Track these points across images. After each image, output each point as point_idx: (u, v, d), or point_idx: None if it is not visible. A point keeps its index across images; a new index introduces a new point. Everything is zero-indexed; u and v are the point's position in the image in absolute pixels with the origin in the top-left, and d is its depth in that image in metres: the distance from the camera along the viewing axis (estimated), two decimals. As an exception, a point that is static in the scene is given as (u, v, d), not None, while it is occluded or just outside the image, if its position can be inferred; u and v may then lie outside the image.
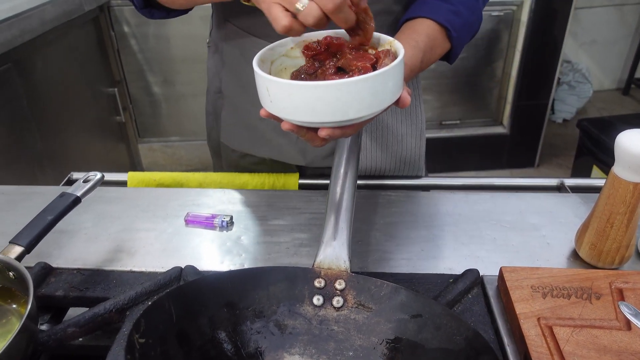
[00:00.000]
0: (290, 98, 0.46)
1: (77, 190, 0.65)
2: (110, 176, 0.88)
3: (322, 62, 0.52)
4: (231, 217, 0.73)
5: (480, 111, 2.59)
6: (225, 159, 0.93)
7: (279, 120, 0.50)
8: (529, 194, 0.79)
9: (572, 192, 0.82)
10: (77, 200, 0.64)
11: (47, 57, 1.74)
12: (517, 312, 0.53)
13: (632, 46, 3.30)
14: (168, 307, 0.49)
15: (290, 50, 0.55)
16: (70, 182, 0.88)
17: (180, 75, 2.29)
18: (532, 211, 0.75)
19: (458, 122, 2.56)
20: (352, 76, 0.47)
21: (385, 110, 0.50)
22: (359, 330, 0.54)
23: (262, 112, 0.51)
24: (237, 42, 0.79)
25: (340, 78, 0.48)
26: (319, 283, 0.55)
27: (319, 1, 0.44)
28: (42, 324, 0.61)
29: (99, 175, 0.68)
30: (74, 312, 0.61)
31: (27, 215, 0.62)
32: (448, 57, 0.72)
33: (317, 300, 0.55)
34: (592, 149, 2.18)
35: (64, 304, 0.62)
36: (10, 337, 0.46)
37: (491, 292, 0.60)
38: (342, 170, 0.63)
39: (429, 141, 0.92)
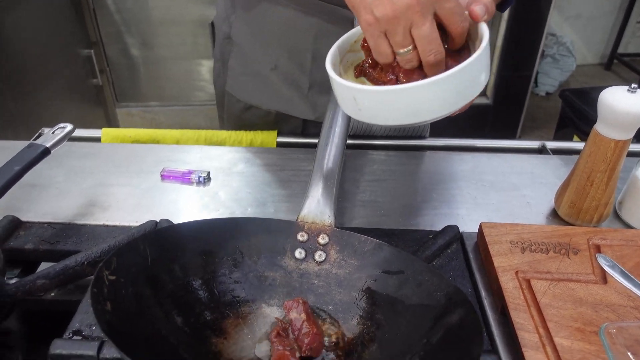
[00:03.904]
0: (384, 105, 0.45)
1: (47, 141, 0.62)
2: (83, 132, 0.85)
3: None
4: (208, 173, 0.72)
5: (465, 81, 2.58)
6: (228, 110, 0.88)
7: None
8: (510, 155, 0.79)
9: (554, 154, 0.82)
10: (46, 152, 0.61)
11: (17, 16, 1.67)
12: (496, 266, 0.53)
13: (616, 22, 3.30)
14: (143, 250, 0.47)
15: (354, 44, 0.53)
16: (42, 138, 0.85)
17: (159, 37, 2.21)
18: (513, 172, 0.75)
19: (442, 91, 2.56)
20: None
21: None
22: (340, 284, 0.53)
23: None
24: None
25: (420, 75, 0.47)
26: (301, 237, 0.54)
27: (422, 53, 0.45)
28: (11, 278, 0.59)
29: (69, 127, 0.65)
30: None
31: (-6, 167, 0.59)
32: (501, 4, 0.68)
33: (299, 253, 0.54)
34: (574, 119, 2.20)
35: (33, 257, 0.60)
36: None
37: (470, 247, 0.60)
38: (333, 127, 0.61)
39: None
